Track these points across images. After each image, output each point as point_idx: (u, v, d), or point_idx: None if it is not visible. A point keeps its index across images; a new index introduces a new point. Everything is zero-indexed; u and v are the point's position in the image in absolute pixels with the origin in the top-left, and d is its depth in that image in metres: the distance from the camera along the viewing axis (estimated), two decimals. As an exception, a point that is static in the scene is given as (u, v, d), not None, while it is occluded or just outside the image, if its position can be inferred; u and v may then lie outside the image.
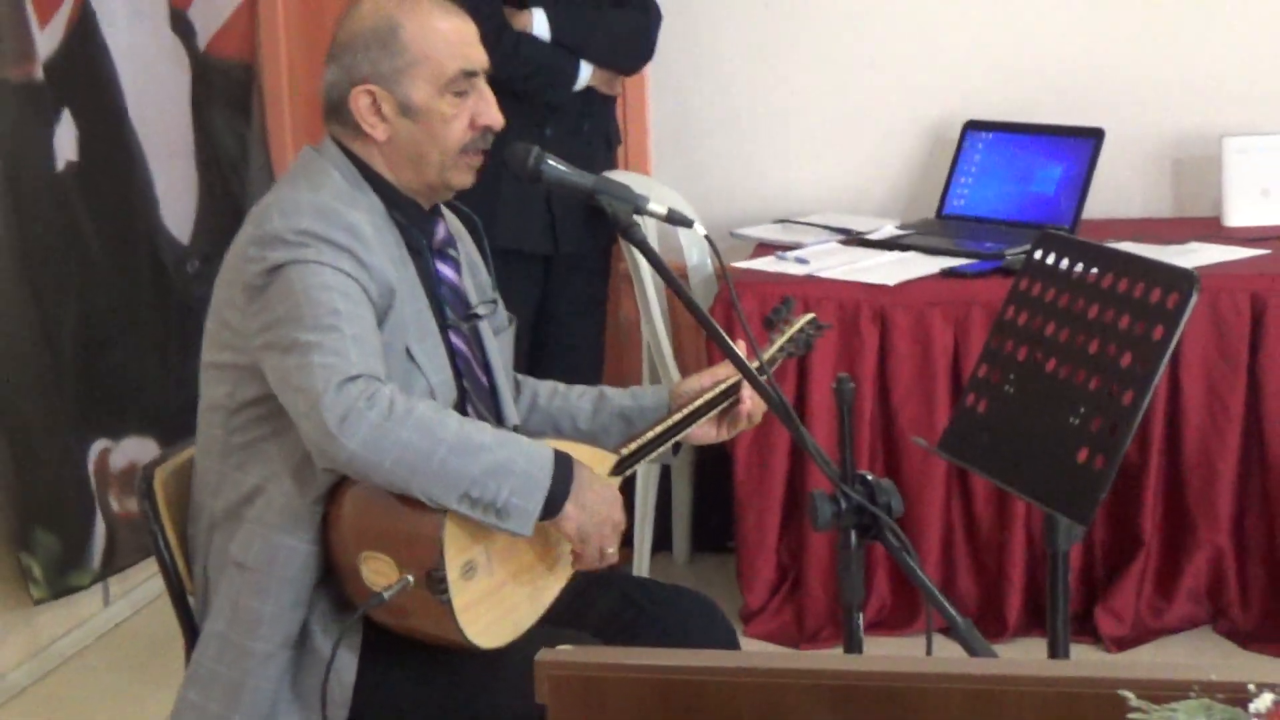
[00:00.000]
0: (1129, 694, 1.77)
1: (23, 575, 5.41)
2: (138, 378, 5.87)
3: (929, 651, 3.52)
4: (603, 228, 5.86)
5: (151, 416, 5.92)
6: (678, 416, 3.74)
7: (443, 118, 3.54)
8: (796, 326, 3.96)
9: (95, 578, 5.67)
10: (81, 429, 5.62)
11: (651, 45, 6.04)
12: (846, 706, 2.07)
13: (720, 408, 3.80)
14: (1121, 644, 5.48)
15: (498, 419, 3.70)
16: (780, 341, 3.89)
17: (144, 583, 6.04)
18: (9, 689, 5.46)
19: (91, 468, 5.65)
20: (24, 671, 5.52)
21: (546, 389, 3.92)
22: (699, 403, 3.76)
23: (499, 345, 3.80)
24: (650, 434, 3.71)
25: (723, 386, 3.79)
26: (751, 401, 3.81)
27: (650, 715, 2.12)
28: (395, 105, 3.53)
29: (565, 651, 2.17)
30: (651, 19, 6.00)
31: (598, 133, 5.94)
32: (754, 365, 3.35)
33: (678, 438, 3.77)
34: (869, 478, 3.14)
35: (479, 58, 3.60)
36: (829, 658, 2.17)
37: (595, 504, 3.45)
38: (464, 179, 3.62)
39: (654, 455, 3.75)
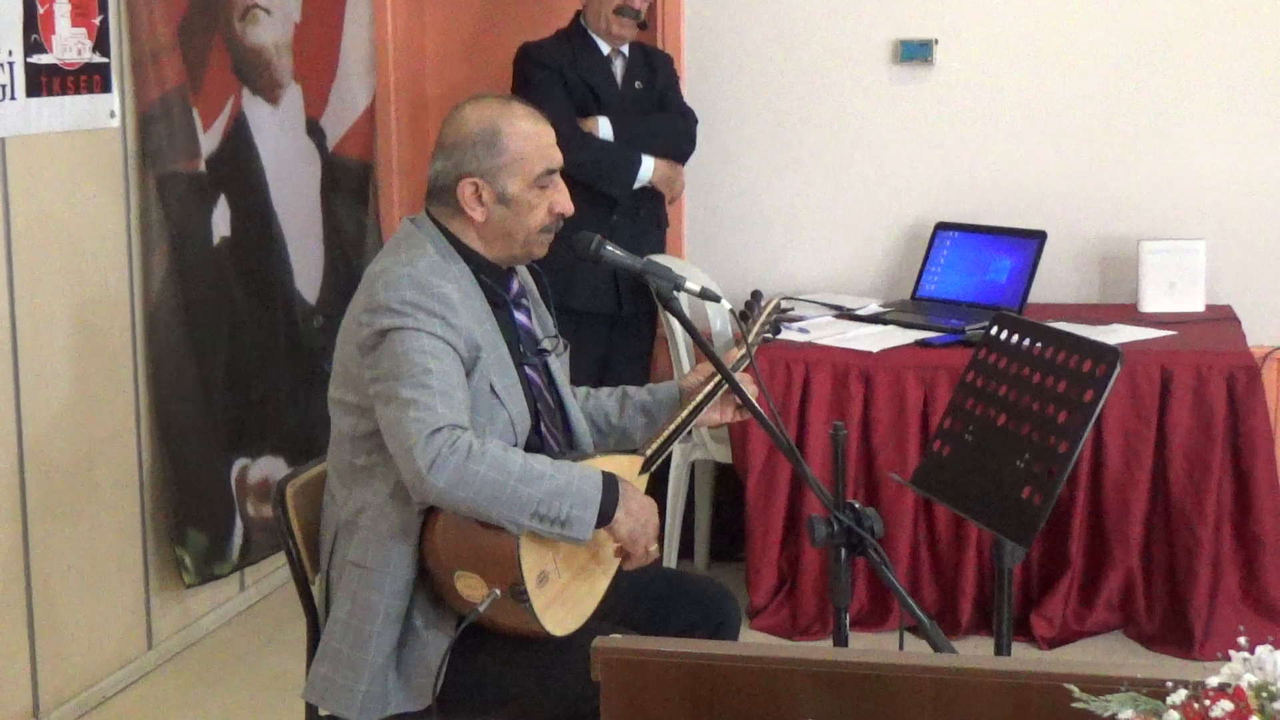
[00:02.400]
0: (1073, 687, 1.76)
1: (177, 565, 5.42)
2: (272, 410, 5.87)
3: (901, 646, 3.50)
4: (652, 297, 5.90)
5: (282, 440, 5.92)
6: (680, 417, 3.74)
7: (529, 205, 3.55)
8: (766, 313, 3.93)
9: (234, 568, 5.67)
10: (227, 449, 5.62)
11: (693, 140, 6.13)
12: (837, 689, 2.07)
13: (715, 397, 3.77)
14: (1051, 643, 5.45)
15: (566, 430, 3.72)
16: (755, 329, 3.87)
17: (271, 573, 6.04)
18: (166, 653, 5.46)
19: (234, 481, 5.65)
20: (177, 640, 5.52)
21: (582, 393, 3.92)
22: (692, 405, 3.75)
23: (560, 367, 3.80)
24: (665, 433, 3.72)
25: (710, 385, 3.76)
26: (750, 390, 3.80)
27: (682, 690, 2.12)
28: (494, 194, 3.53)
29: (615, 639, 2.17)
30: (690, 119, 6.10)
31: (651, 219, 6.04)
32: (754, 393, 3.38)
33: (689, 429, 3.78)
34: (856, 505, 3.13)
35: (558, 157, 3.61)
36: (823, 650, 2.17)
37: (638, 511, 3.47)
38: (541, 251, 3.64)
39: (671, 448, 3.76)
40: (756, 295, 3.93)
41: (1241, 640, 1.76)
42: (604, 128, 5.82)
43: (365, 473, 3.50)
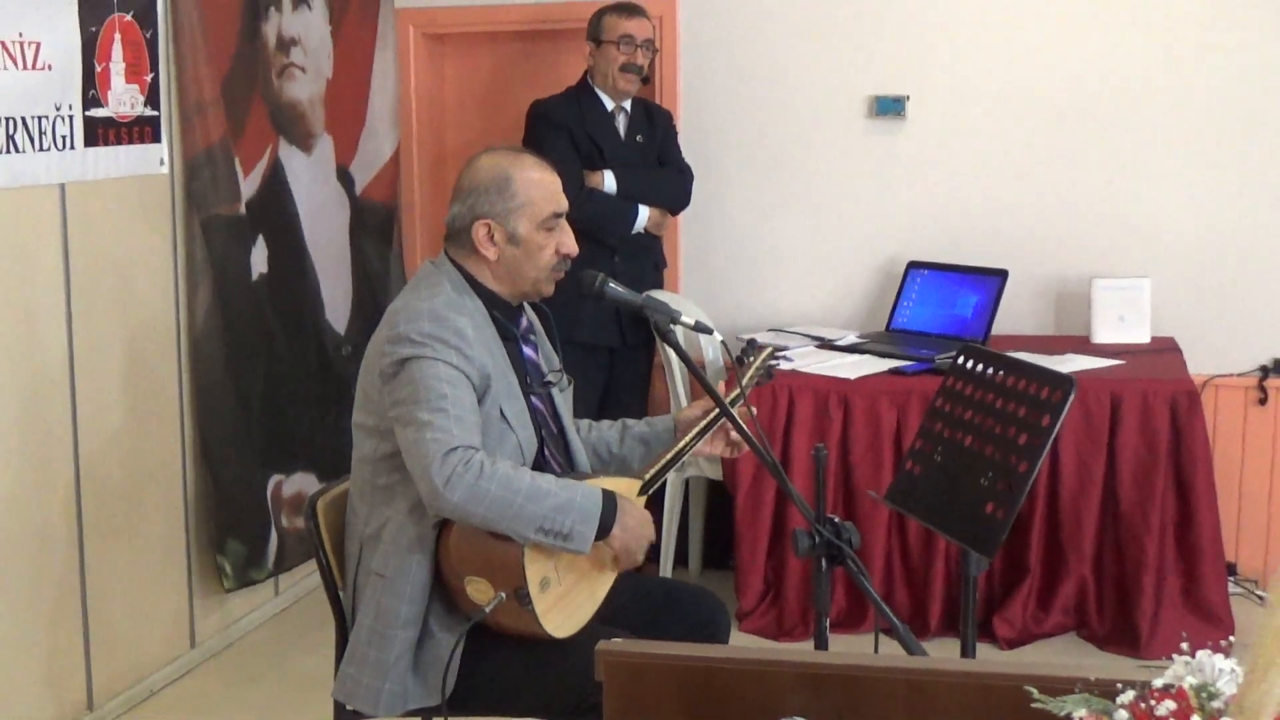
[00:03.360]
0: (1032, 689, 1.76)
1: (218, 571, 5.43)
2: (304, 430, 5.87)
3: (876, 648, 3.49)
4: (649, 331, 5.91)
5: (313, 458, 5.92)
6: (678, 447, 3.75)
7: (538, 246, 3.56)
8: (760, 360, 3.94)
9: (269, 574, 5.67)
10: (263, 466, 5.63)
11: (688, 194, 6.13)
12: (819, 688, 2.07)
13: (711, 430, 3.78)
14: (1012, 644, 5.45)
15: (567, 455, 3.72)
16: (749, 373, 3.88)
17: (303, 579, 6.04)
18: (208, 651, 5.47)
19: (269, 495, 5.65)
20: (218, 639, 5.52)
21: (585, 425, 3.92)
22: (690, 435, 3.77)
23: (564, 400, 3.81)
24: (662, 461, 3.72)
25: (713, 414, 3.78)
26: (737, 433, 3.79)
27: (678, 689, 2.13)
28: (505, 235, 3.54)
29: (617, 643, 2.17)
30: (687, 176, 6.10)
31: (649, 259, 6.04)
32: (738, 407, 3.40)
33: (684, 459, 3.78)
34: (836, 520, 3.14)
35: (564, 203, 3.62)
36: (806, 652, 2.17)
37: (634, 526, 3.48)
38: (549, 289, 3.64)
39: (667, 474, 3.76)
40: (751, 343, 3.95)
41: (1184, 645, 1.77)
42: (609, 181, 5.83)
43: (385, 492, 3.51)
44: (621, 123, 6.01)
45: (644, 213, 5.90)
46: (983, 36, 6.20)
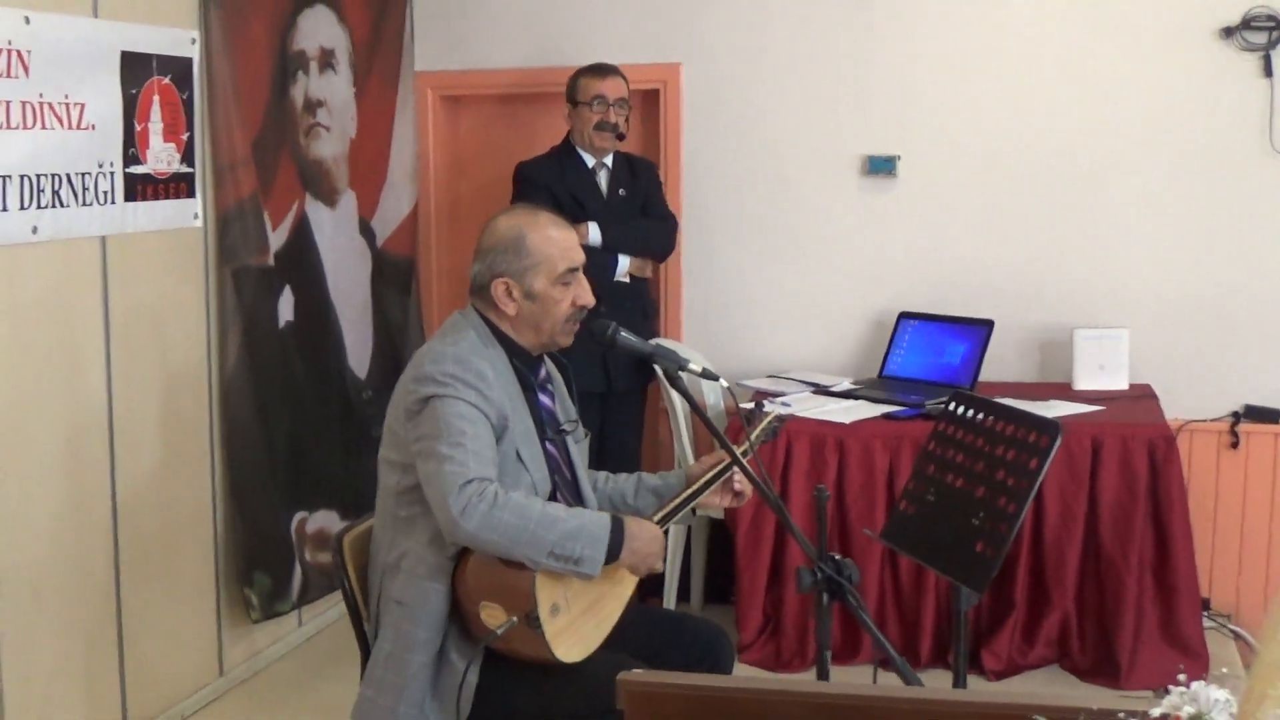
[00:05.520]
0: (1041, 718, 1.77)
1: (245, 603, 5.43)
2: (327, 469, 5.88)
3: (875, 679, 3.50)
4: (638, 375, 5.92)
5: (335, 496, 5.92)
6: (686, 493, 3.77)
7: (554, 300, 3.60)
8: (767, 420, 3.97)
9: (293, 606, 5.67)
10: (288, 503, 5.63)
11: (672, 243, 6.12)
12: (821, 715, 2.08)
13: (719, 481, 3.80)
14: (999, 675, 5.44)
15: (578, 500, 3.74)
16: (756, 431, 3.89)
17: (325, 611, 6.04)
18: (235, 679, 5.47)
19: (293, 531, 5.66)
20: (245, 668, 5.53)
21: (602, 477, 3.94)
22: (699, 483, 3.79)
23: (579, 450, 3.83)
24: (670, 506, 3.74)
25: (719, 467, 3.80)
26: (743, 484, 3.82)
27: (694, 717, 2.13)
28: (522, 291, 3.58)
29: (638, 673, 2.18)
30: (670, 225, 6.08)
31: (637, 307, 5.95)
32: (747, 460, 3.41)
33: (692, 505, 3.80)
34: (837, 557, 3.16)
35: (579, 257, 3.65)
36: (815, 684, 2.18)
37: (640, 547, 3.51)
38: (567, 340, 3.68)
39: (676, 518, 3.78)
40: (759, 404, 3.96)
41: (1180, 676, 1.78)
42: (593, 233, 5.81)
43: (406, 523, 3.53)
44: (603, 179, 6.00)
45: (623, 261, 5.89)
46: (969, 100, 6.23)
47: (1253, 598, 6.04)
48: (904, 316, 6.21)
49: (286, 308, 5.60)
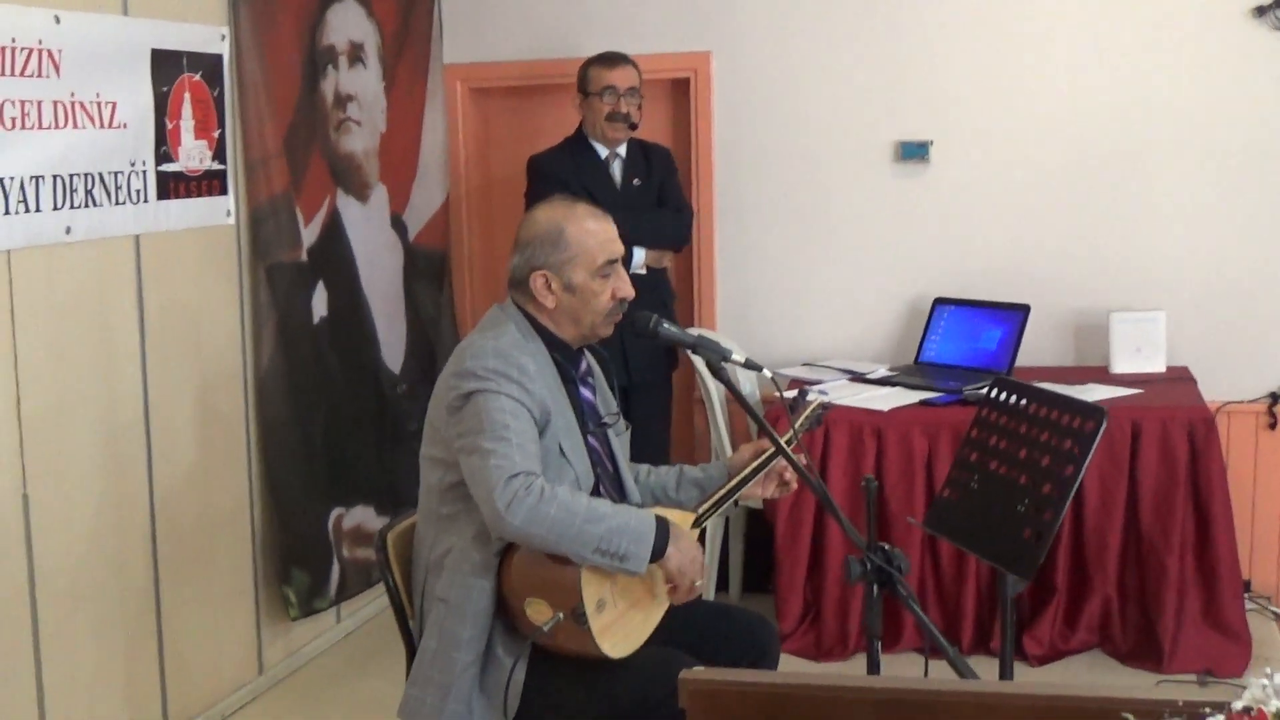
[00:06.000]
0: (1129, 715, 1.71)
1: (284, 601, 5.41)
2: (363, 465, 5.85)
3: (925, 671, 3.46)
4: (661, 366, 5.86)
5: (371, 491, 5.90)
6: (732, 483, 3.73)
7: (594, 292, 3.56)
8: (811, 408, 3.92)
9: (331, 603, 5.64)
10: (325, 500, 5.61)
11: (688, 233, 6.05)
12: (888, 712, 2.04)
13: (762, 471, 3.76)
14: (1041, 660, 5.41)
15: (621, 495, 3.71)
16: (800, 420, 3.85)
17: (363, 607, 6.02)
18: (275, 677, 5.46)
19: (330, 527, 5.63)
20: (284, 666, 5.51)
21: (644, 470, 3.90)
22: (745, 472, 3.75)
23: (620, 443, 3.79)
24: (715, 497, 3.71)
25: (763, 457, 3.76)
26: (790, 474, 3.79)
27: (756, 714, 2.09)
28: (561, 284, 3.54)
29: (698, 671, 2.15)
30: (685, 215, 6.01)
31: (656, 297, 5.80)
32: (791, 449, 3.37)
33: (735, 496, 3.76)
34: (886, 547, 3.11)
35: (618, 249, 3.61)
36: (874, 679, 2.14)
37: (686, 549, 3.47)
38: (607, 331, 3.64)
39: (720, 510, 3.74)
40: (803, 393, 3.92)
41: (1268, 669, 1.72)
42: None
43: (450, 520, 3.50)
44: (617, 169, 5.94)
45: (639, 254, 5.81)
46: (1002, 84, 6.18)
47: (1293, 579, 5.99)
48: (939, 302, 6.17)
49: (320, 303, 5.57)
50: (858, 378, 5.93)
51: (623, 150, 5.94)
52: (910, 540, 5.41)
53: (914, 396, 5.59)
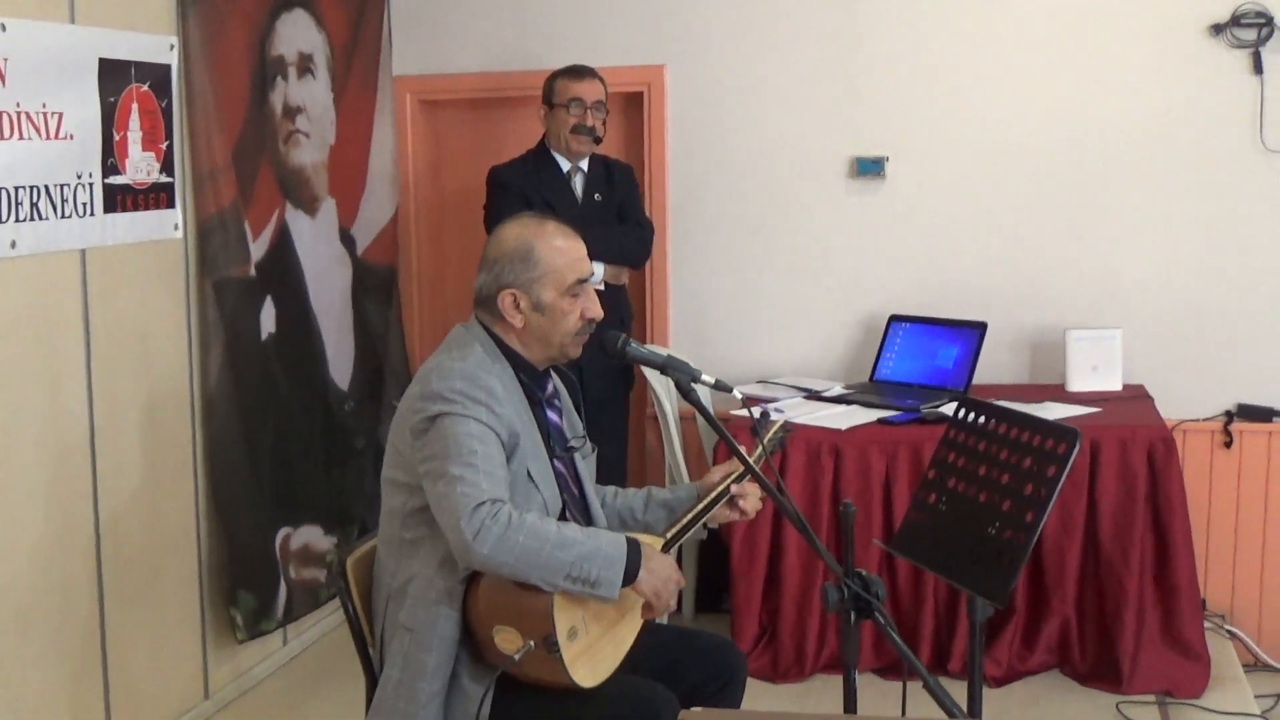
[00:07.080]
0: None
1: (230, 623, 5.31)
2: (310, 483, 5.76)
3: (904, 703, 3.39)
4: (617, 384, 5.79)
5: (319, 511, 5.81)
6: (699, 506, 3.68)
7: (563, 312, 3.50)
8: (773, 431, 3.87)
9: (278, 625, 5.55)
10: (272, 519, 5.51)
11: (648, 250, 5.98)
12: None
13: (730, 494, 3.71)
14: (999, 682, 5.38)
15: (587, 519, 3.65)
16: (764, 442, 3.78)
17: (310, 628, 5.93)
18: (222, 700, 5.36)
19: (277, 547, 5.53)
20: (231, 689, 5.41)
21: (611, 492, 3.86)
22: (714, 494, 3.71)
23: (586, 466, 3.73)
24: (683, 521, 3.65)
25: (733, 477, 3.72)
26: (747, 500, 3.75)
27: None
28: (530, 303, 3.48)
29: (697, 712, 2.07)
30: (645, 232, 5.94)
31: (616, 316, 5.70)
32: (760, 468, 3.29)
33: (704, 519, 3.71)
34: (864, 573, 3.05)
35: (587, 268, 3.56)
36: (865, 717, 2.07)
37: (659, 570, 3.41)
38: (576, 352, 3.58)
39: (689, 533, 3.68)
40: (765, 414, 3.86)
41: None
42: None
43: (413, 545, 3.43)
44: (579, 183, 5.86)
45: (598, 270, 5.70)
46: (958, 101, 6.16)
47: (1247, 597, 5.99)
48: (895, 319, 6.13)
49: (268, 319, 5.48)
50: (813, 395, 5.88)
51: (585, 164, 5.87)
52: (867, 560, 5.35)
53: (871, 415, 5.54)
